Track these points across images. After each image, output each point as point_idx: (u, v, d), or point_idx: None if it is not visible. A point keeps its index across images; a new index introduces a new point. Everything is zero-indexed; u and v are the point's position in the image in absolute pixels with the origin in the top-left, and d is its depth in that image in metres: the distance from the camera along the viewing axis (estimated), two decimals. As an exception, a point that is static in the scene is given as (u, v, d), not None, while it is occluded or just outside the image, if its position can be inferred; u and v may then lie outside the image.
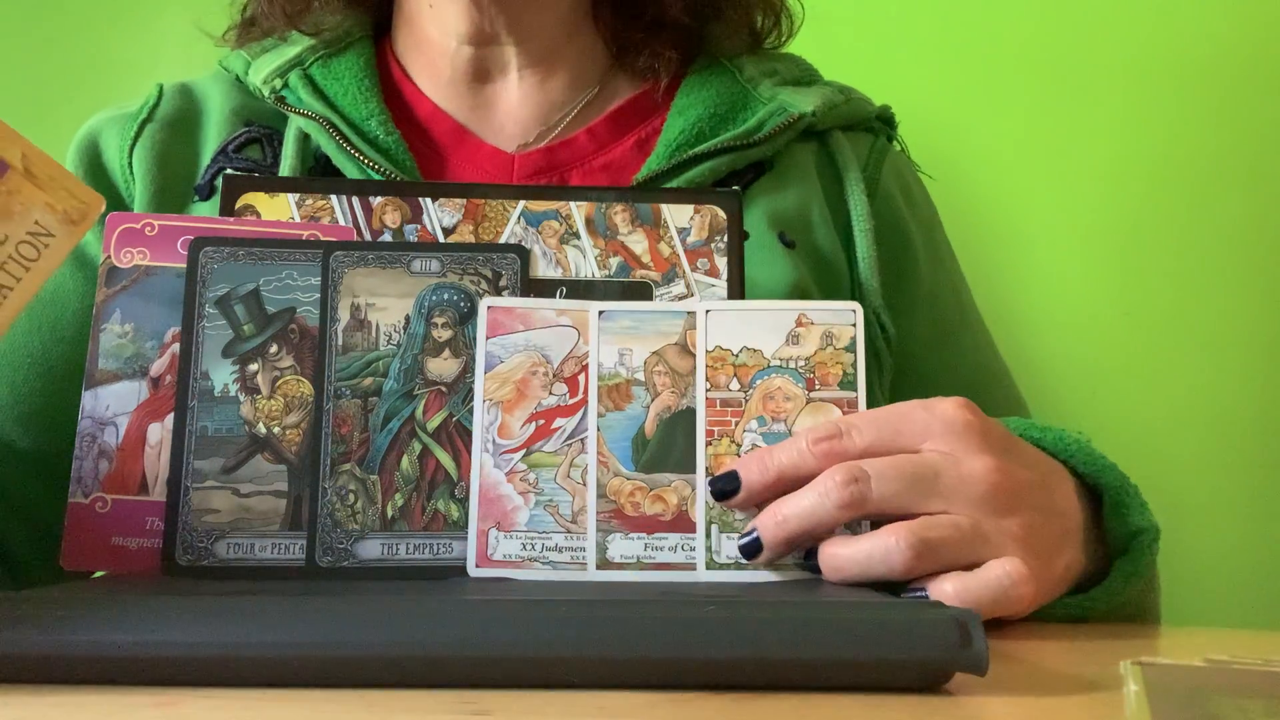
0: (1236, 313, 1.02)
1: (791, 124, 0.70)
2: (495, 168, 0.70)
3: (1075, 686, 0.36)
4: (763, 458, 0.47)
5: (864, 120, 0.75)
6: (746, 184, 0.69)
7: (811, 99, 0.72)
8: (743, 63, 0.74)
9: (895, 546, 0.43)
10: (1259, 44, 1.04)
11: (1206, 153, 1.04)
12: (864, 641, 0.34)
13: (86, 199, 0.44)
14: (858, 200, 0.70)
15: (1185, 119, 1.04)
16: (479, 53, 0.71)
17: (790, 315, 0.50)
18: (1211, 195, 1.03)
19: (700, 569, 0.47)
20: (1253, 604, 0.97)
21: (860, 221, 0.70)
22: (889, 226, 0.72)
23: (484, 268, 0.52)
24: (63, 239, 0.43)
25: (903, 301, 0.72)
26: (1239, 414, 1.01)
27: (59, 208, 0.43)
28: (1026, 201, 1.07)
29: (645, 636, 0.34)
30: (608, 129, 0.72)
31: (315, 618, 0.34)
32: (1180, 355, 1.02)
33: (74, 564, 0.49)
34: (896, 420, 0.47)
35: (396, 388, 0.50)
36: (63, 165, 0.45)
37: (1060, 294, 1.06)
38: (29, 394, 0.65)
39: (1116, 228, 1.05)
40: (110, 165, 0.71)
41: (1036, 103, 1.07)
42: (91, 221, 0.44)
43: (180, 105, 0.72)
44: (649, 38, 0.73)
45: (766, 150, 0.69)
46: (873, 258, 0.69)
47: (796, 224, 0.69)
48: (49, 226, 0.43)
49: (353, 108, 0.69)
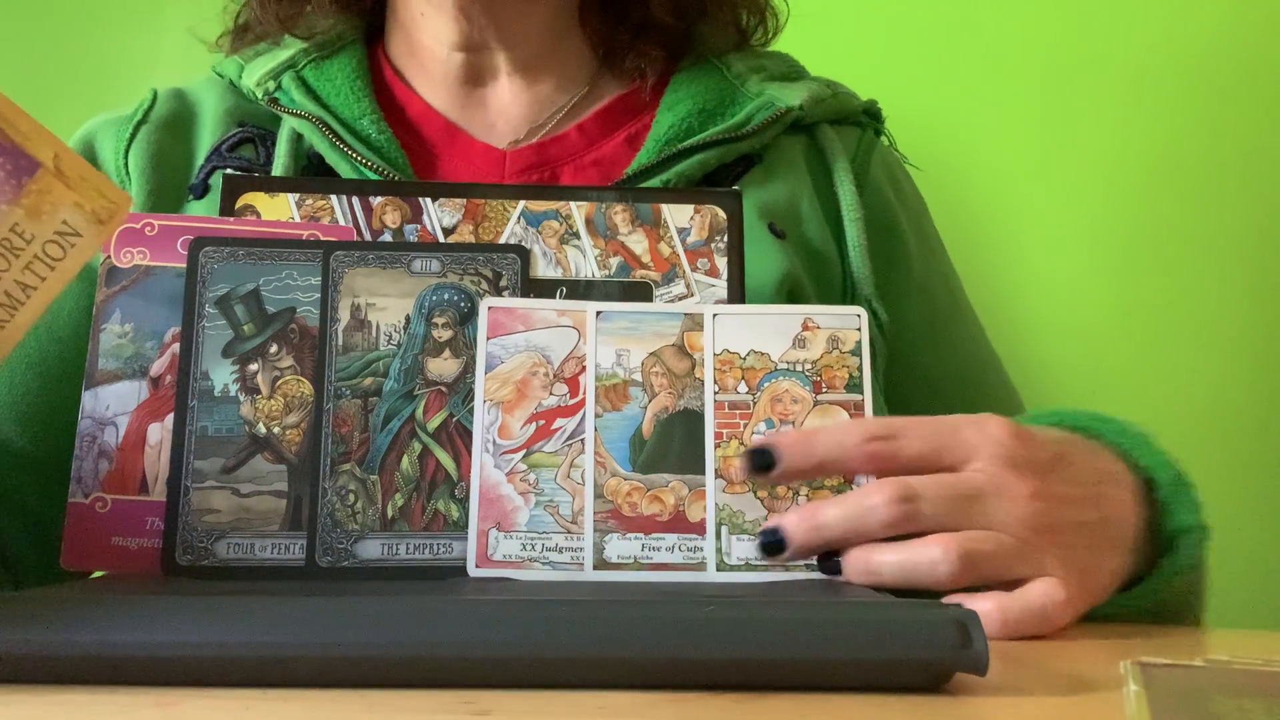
0: (1237, 313, 1.02)
1: (779, 117, 0.71)
2: (487, 164, 0.71)
3: (1075, 686, 0.36)
4: (806, 442, 0.47)
5: (851, 114, 0.76)
6: (735, 177, 0.70)
7: (799, 93, 0.73)
8: (730, 60, 0.75)
9: (942, 558, 0.44)
10: (1259, 44, 1.04)
11: (1206, 153, 1.04)
12: (864, 641, 0.34)
13: (115, 198, 0.44)
14: (847, 191, 0.71)
15: (1185, 119, 1.04)
16: (470, 58, 0.73)
17: (796, 319, 0.50)
18: (1211, 195, 1.03)
19: (710, 570, 0.47)
20: (1253, 604, 0.97)
21: (850, 211, 0.71)
22: (879, 217, 0.73)
23: (484, 268, 0.52)
24: (90, 239, 0.43)
25: (894, 291, 0.72)
26: (1239, 414, 1.01)
27: (88, 207, 0.43)
28: (1026, 202, 1.07)
29: (645, 636, 0.34)
30: (598, 125, 0.73)
31: (315, 618, 0.34)
32: (1180, 356, 1.02)
33: (74, 564, 0.49)
34: (947, 435, 0.47)
35: (397, 388, 0.50)
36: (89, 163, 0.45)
37: (1060, 294, 1.06)
38: (26, 394, 0.65)
39: (1116, 228, 1.05)
40: (105, 167, 0.71)
41: (1036, 103, 1.07)
42: (120, 221, 0.44)
43: (174, 108, 0.74)
44: (635, 39, 0.74)
45: (755, 143, 0.70)
46: (863, 247, 0.70)
47: (786, 215, 0.69)
48: (77, 226, 0.43)
49: (345, 107, 0.70)
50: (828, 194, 0.72)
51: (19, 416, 0.65)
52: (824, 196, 0.72)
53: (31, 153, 0.42)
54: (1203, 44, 1.04)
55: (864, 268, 0.69)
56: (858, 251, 0.70)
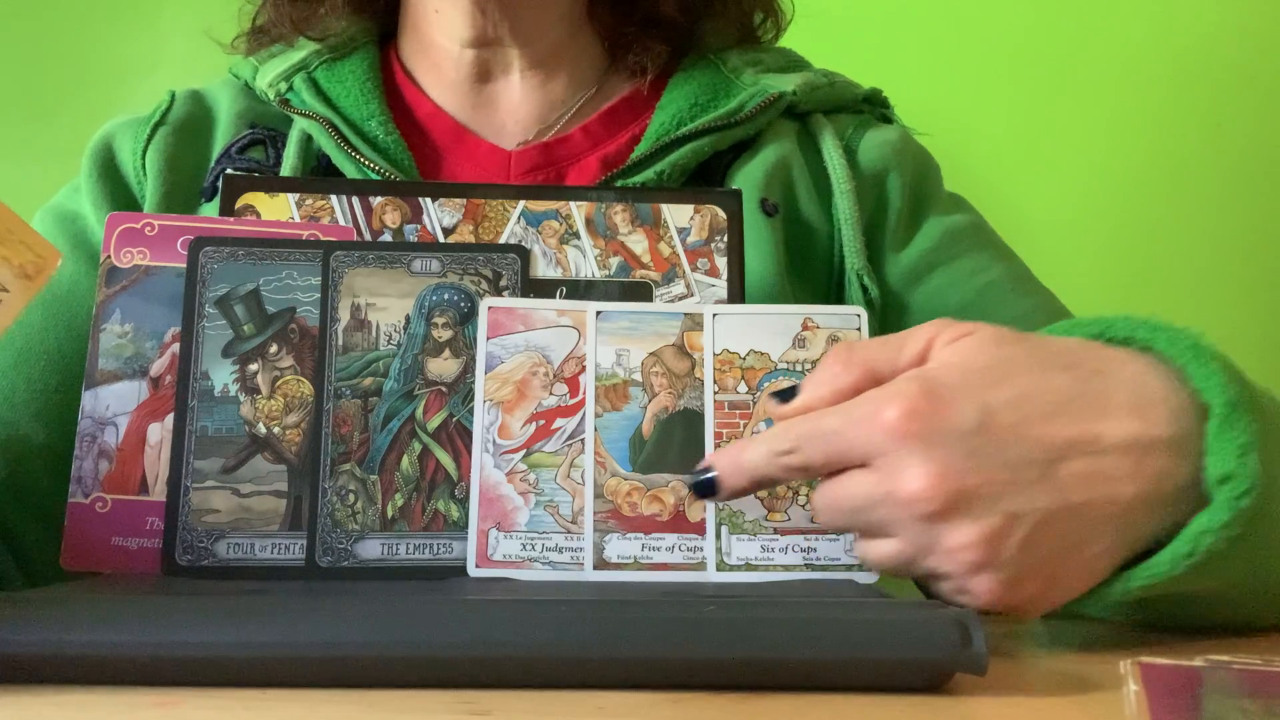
0: (1235, 311, 1.02)
1: (772, 102, 0.71)
2: (493, 165, 0.72)
3: (1075, 686, 0.36)
4: (737, 459, 0.45)
5: (849, 103, 0.76)
6: (729, 164, 0.70)
7: (793, 80, 0.73)
8: (728, 55, 0.76)
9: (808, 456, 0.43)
10: (1259, 44, 1.04)
11: (1206, 153, 1.04)
12: (864, 641, 0.34)
13: (43, 253, 0.42)
14: (837, 164, 0.71)
15: (1185, 119, 1.04)
16: (482, 54, 0.73)
17: (796, 319, 0.50)
18: (1212, 195, 1.03)
19: (710, 570, 0.47)
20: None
21: (841, 184, 0.70)
22: (869, 186, 0.72)
23: (484, 268, 0.52)
24: (16, 295, 0.41)
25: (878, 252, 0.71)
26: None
27: (15, 261, 0.41)
28: (1026, 202, 1.07)
29: (645, 636, 0.34)
30: (602, 125, 0.73)
31: (315, 618, 0.34)
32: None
33: (74, 564, 0.49)
34: (842, 442, 0.42)
35: (397, 388, 0.50)
36: (18, 215, 0.43)
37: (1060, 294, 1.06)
38: (45, 390, 0.66)
39: (1114, 227, 1.05)
40: (124, 167, 0.72)
41: (1034, 103, 1.07)
42: (48, 276, 0.42)
43: (191, 110, 0.74)
44: (641, 33, 0.75)
45: (749, 129, 0.71)
46: (855, 219, 0.69)
47: (776, 189, 0.69)
48: (3, 281, 0.41)
49: (354, 109, 0.71)
50: (818, 169, 0.72)
51: (37, 412, 0.65)
52: (815, 173, 0.72)
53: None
54: (1204, 44, 1.04)
55: (855, 240, 0.69)
56: (849, 225, 0.69)
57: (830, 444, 0.42)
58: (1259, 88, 1.03)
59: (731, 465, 0.45)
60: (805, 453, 0.43)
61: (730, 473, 0.45)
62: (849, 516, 0.42)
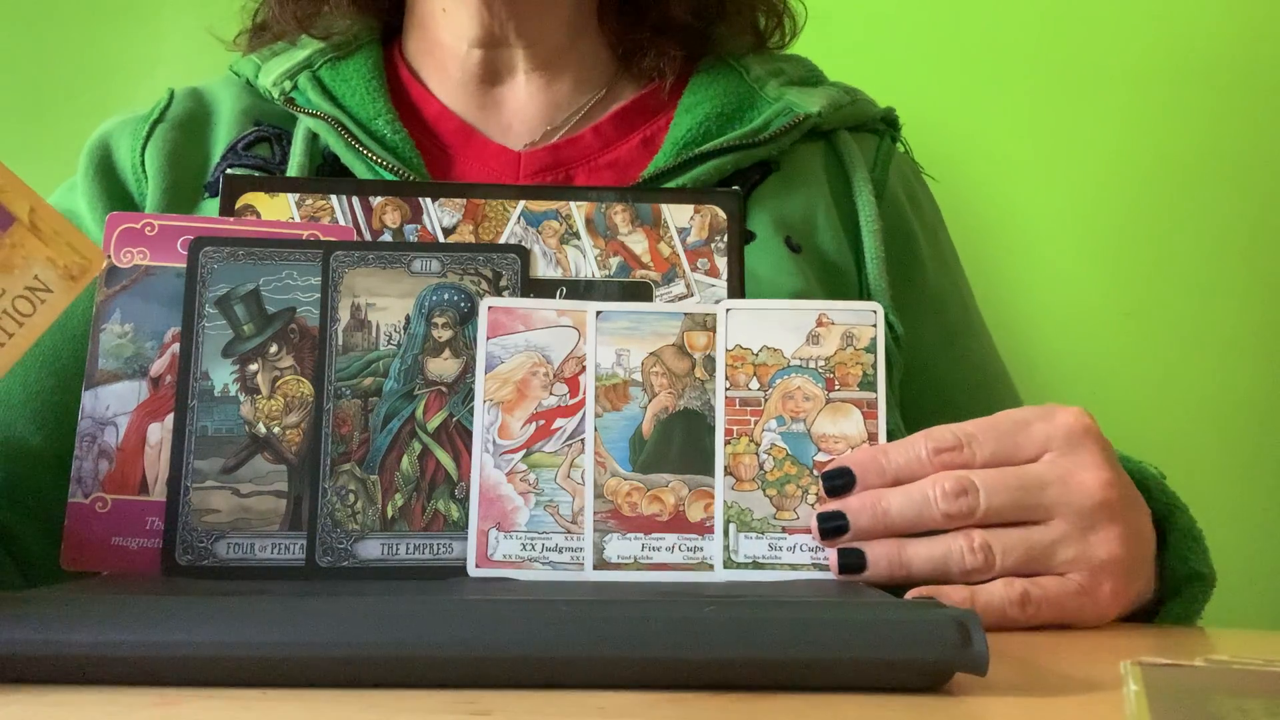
0: (1237, 313, 1.02)
1: (797, 124, 0.71)
2: (502, 166, 0.72)
3: (1075, 686, 0.36)
4: (879, 458, 0.47)
5: (869, 121, 0.76)
6: (753, 185, 0.70)
7: (817, 99, 0.72)
8: (749, 63, 0.75)
9: (967, 548, 0.45)
10: (1259, 44, 1.04)
11: (1207, 153, 1.04)
12: (864, 641, 0.34)
13: (89, 254, 0.43)
14: (866, 201, 0.71)
15: (1186, 119, 1.04)
16: (488, 55, 0.73)
17: (811, 315, 0.50)
18: (1212, 195, 1.03)
19: (718, 569, 0.47)
20: (1253, 604, 0.97)
21: (869, 223, 0.70)
22: (895, 228, 0.73)
23: (484, 268, 0.52)
24: (60, 295, 0.43)
25: (909, 303, 0.72)
26: (1240, 414, 1.01)
27: (60, 263, 0.42)
28: (1027, 202, 1.07)
29: (645, 636, 0.34)
30: (613, 127, 0.73)
31: (315, 618, 0.34)
32: (1181, 356, 1.02)
33: (74, 564, 0.49)
34: (1016, 432, 0.47)
35: (397, 388, 0.50)
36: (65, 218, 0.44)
37: (1061, 295, 1.06)
38: (41, 391, 0.65)
39: (1117, 228, 1.05)
40: (122, 166, 0.72)
41: (1037, 104, 1.07)
42: (91, 278, 0.43)
43: (191, 107, 0.74)
44: (654, 38, 0.74)
45: (772, 149, 0.70)
46: (881, 259, 0.69)
47: (802, 227, 0.69)
48: (48, 282, 0.42)
49: (360, 107, 0.70)
50: (846, 204, 0.72)
51: (33, 414, 0.65)
52: (842, 206, 0.72)
53: (6, 205, 0.42)
54: (1205, 44, 1.04)
55: (881, 280, 0.69)
56: (875, 263, 0.69)
57: (1006, 432, 0.48)
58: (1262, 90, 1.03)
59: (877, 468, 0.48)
60: (977, 444, 0.47)
61: (874, 479, 0.48)
62: (1016, 495, 0.46)
